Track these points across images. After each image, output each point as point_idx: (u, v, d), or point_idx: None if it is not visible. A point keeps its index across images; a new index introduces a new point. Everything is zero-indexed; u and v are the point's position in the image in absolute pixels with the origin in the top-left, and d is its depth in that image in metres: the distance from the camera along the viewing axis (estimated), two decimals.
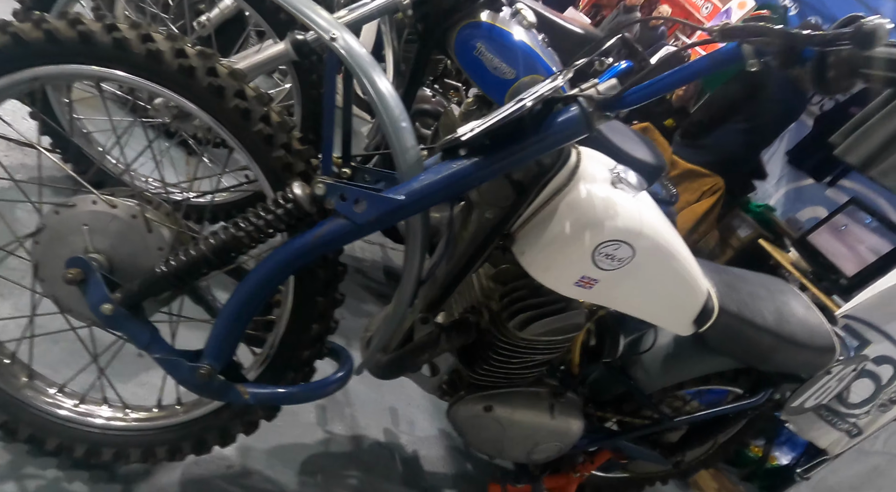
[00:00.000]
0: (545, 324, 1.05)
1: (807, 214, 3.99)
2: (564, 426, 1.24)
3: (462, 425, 1.21)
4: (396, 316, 0.98)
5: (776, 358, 1.29)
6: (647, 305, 1.09)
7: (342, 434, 1.49)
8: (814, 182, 3.95)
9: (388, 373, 1.12)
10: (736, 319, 1.21)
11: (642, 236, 0.96)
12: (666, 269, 1.04)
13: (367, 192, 0.81)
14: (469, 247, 1.01)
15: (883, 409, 1.77)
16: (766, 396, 1.38)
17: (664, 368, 1.40)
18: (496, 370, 1.14)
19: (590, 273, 0.97)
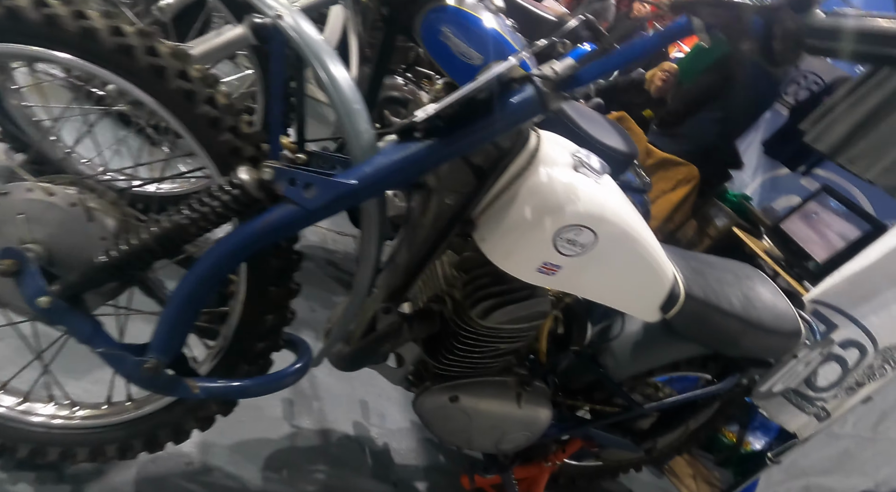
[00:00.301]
0: (508, 312, 1.03)
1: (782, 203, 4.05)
2: (532, 415, 1.23)
3: (428, 416, 1.19)
4: (354, 305, 0.95)
5: (743, 343, 1.29)
6: (612, 291, 1.08)
7: (310, 428, 1.46)
8: (789, 172, 4.00)
9: (350, 364, 1.09)
10: (702, 304, 1.21)
11: (604, 221, 0.95)
12: (630, 254, 1.03)
13: (317, 176, 0.78)
14: (429, 234, 0.99)
15: (850, 392, 1.79)
16: (733, 381, 1.39)
17: (633, 355, 1.40)
18: (461, 360, 1.12)
19: (552, 259, 0.96)
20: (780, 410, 1.83)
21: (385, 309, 1.08)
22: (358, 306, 0.96)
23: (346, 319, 0.97)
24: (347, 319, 0.97)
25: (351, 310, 0.96)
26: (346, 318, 0.97)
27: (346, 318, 0.97)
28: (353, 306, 0.95)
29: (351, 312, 0.96)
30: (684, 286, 1.19)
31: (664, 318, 1.19)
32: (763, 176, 4.34)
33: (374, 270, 0.93)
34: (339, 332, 0.99)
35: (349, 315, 0.96)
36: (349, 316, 0.96)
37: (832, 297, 1.70)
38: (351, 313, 0.96)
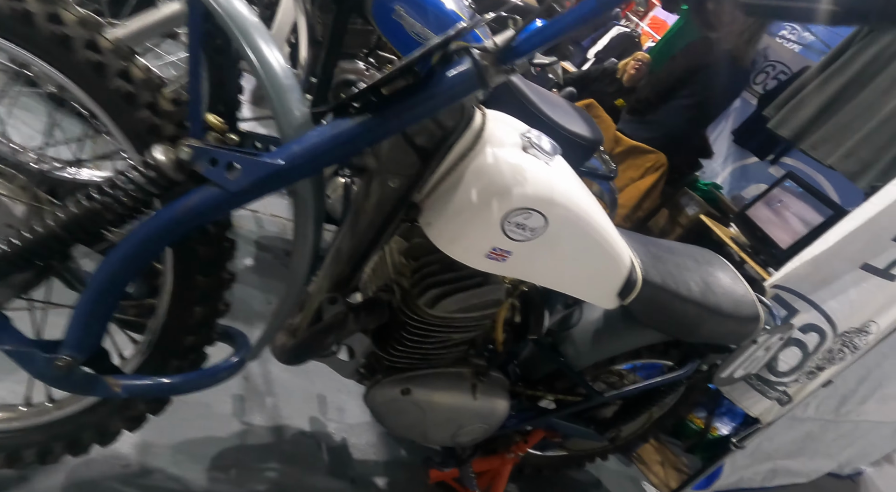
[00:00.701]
0: (458, 300, 0.99)
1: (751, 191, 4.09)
2: (488, 407, 1.19)
3: (379, 410, 1.15)
4: (290, 296, 0.90)
5: (701, 329, 1.27)
6: (566, 277, 1.04)
7: (262, 425, 1.40)
8: (758, 160, 4.05)
9: (294, 357, 1.04)
10: (660, 290, 1.18)
11: (554, 204, 0.91)
12: (583, 239, 0.99)
13: (241, 156, 0.72)
14: (373, 219, 0.94)
15: (811, 376, 1.80)
16: (693, 367, 1.37)
17: (593, 343, 1.37)
18: (411, 351, 1.07)
19: (501, 244, 0.91)
20: (744, 395, 1.83)
21: (330, 299, 1.03)
22: (294, 297, 0.91)
23: (281, 311, 0.92)
24: (283, 310, 0.91)
25: (287, 301, 0.90)
26: (281, 309, 0.91)
27: (281, 309, 0.91)
28: (288, 297, 0.90)
29: (287, 303, 0.91)
30: (641, 272, 1.17)
31: (622, 305, 1.17)
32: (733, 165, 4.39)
33: (310, 258, 0.88)
34: (274, 324, 0.93)
35: (285, 306, 0.91)
36: (285, 307, 0.91)
37: (793, 282, 1.70)
38: (287, 304, 0.91)
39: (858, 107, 1.97)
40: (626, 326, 1.35)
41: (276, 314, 0.92)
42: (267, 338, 0.95)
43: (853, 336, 1.72)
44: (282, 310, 0.91)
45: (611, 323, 1.36)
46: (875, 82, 1.94)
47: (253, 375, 1.51)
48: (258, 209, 2.13)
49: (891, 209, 1.53)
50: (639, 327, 1.33)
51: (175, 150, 0.72)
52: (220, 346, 1.00)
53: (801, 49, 5.42)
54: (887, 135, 1.88)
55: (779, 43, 4.39)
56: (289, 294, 0.89)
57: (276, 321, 0.93)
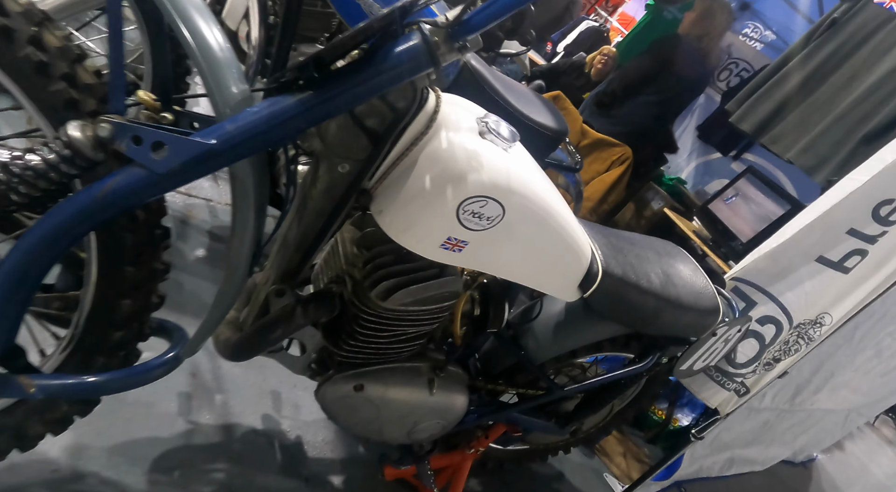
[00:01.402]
0: (411, 292, 0.94)
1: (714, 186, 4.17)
2: (446, 402, 1.15)
3: (331, 406, 1.10)
4: (230, 287, 0.84)
5: (661, 321, 1.26)
6: (526, 269, 1.01)
7: (210, 424, 1.34)
8: (721, 156, 4.13)
9: (239, 353, 0.98)
10: (620, 282, 1.16)
11: (512, 192, 0.87)
12: (542, 229, 0.96)
13: (168, 134, 0.66)
14: (322, 206, 0.89)
15: (767, 367, 1.83)
16: (653, 360, 1.36)
17: (554, 336, 1.35)
18: (364, 346, 1.02)
19: (456, 234, 0.87)
20: (703, 386, 1.85)
21: (277, 291, 0.97)
22: (234, 288, 0.85)
23: (219, 304, 0.86)
24: (221, 303, 0.85)
25: (225, 293, 0.84)
26: (219, 302, 0.85)
27: (219, 302, 0.85)
28: (227, 288, 0.84)
29: (226, 296, 0.85)
30: (602, 263, 1.14)
31: (583, 297, 1.14)
32: (697, 160, 4.46)
33: (251, 247, 0.82)
34: (211, 318, 0.87)
35: (223, 299, 0.85)
36: (223, 300, 0.85)
37: (751, 274, 1.71)
38: (226, 297, 0.85)
39: (816, 102, 2.00)
40: (587, 318, 1.33)
41: (214, 308, 0.86)
42: (204, 333, 0.89)
43: (808, 328, 1.75)
44: (220, 303, 0.85)
45: (572, 316, 1.34)
46: (832, 78, 1.97)
47: (202, 371, 1.44)
48: (212, 198, 2.04)
49: (845, 203, 1.55)
50: (600, 320, 1.31)
51: (93, 126, 0.66)
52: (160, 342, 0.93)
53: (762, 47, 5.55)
54: (843, 130, 1.91)
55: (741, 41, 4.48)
56: (227, 285, 0.83)
57: (214, 315, 0.87)
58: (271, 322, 0.94)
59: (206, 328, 0.87)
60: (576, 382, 1.44)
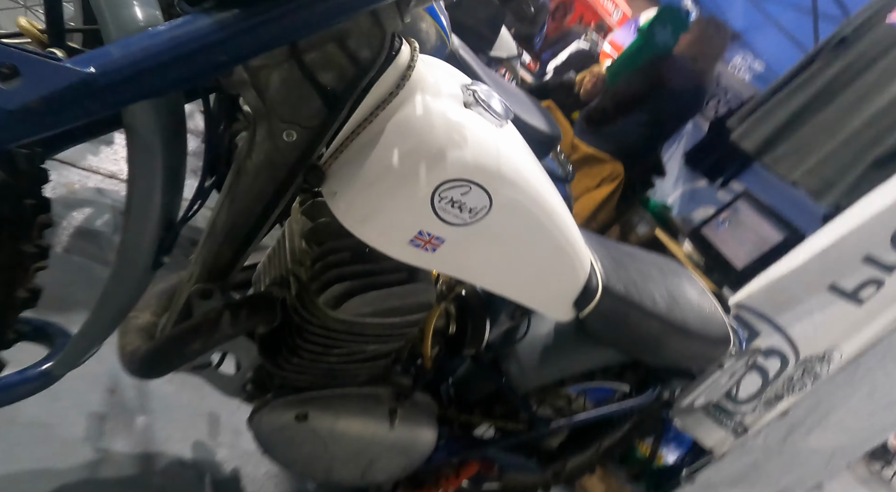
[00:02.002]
0: (369, 300, 0.75)
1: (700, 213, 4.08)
2: (408, 438, 0.95)
3: (268, 438, 0.89)
4: (122, 284, 0.64)
5: (665, 350, 1.08)
6: (513, 279, 0.83)
7: (124, 452, 1.11)
8: (707, 184, 4.07)
9: (149, 367, 0.77)
10: (621, 301, 0.99)
11: (502, 179, 0.69)
12: (536, 229, 0.78)
13: (24, 54, 0.46)
14: (261, 185, 0.70)
15: (768, 406, 1.67)
16: (652, 395, 1.18)
17: (541, 362, 1.16)
18: (310, 365, 0.82)
19: (430, 228, 0.69)
20: (698, 424, 1.68)
21: (201, 292, 0.77)
22: (130, 285, 0.65)
23: (107, 304, 0.65)
24: (110, 303, 0.65)
25: (116, 291, 0.64)
26: (107, 302, 0.65)
27: (107, 302, 0.65)
28: (118, 285, 0.64)
29: (118, 295, 0.64)
30: (602, 278, 0.97)
31: (578, 317, 0.97)
32: (683, 187, 4.39)
33: (156, 230, 0.62)
34: (97, 322, 0.66)
35: (114, 298, 0.65)
36: (113, 300, 0.65)
37: (756, 301, 1.56)
38: (117, 296, 0.64)
39: (822, 123, 1.89)
40: (579, 342, 1.14)
41: (98, 310, 0.65)
42: (85, 342, 0.68)
43: (815, 364, 1.59)
44: (107, 303, 0.65)
45: (562, 339, 1.16)
46: (839, 99, 1.87)
47: (123, 386, 1.22)
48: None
49: (862, 228, 1.42)
50: (595, 345, 1.13)
51: None
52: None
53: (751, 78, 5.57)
54: (851, 154, 1.80)
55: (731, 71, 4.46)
56: (117, 281, 0.63)
57: (99, 320, 0.66)
58: (191, 329, 0.74)
59: (88, 337, 0.67)
60: (560, 414, 1.26)
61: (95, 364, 1.21)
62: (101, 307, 0.65)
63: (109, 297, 0.64)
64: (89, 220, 1.52)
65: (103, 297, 0.64)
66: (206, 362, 0.89)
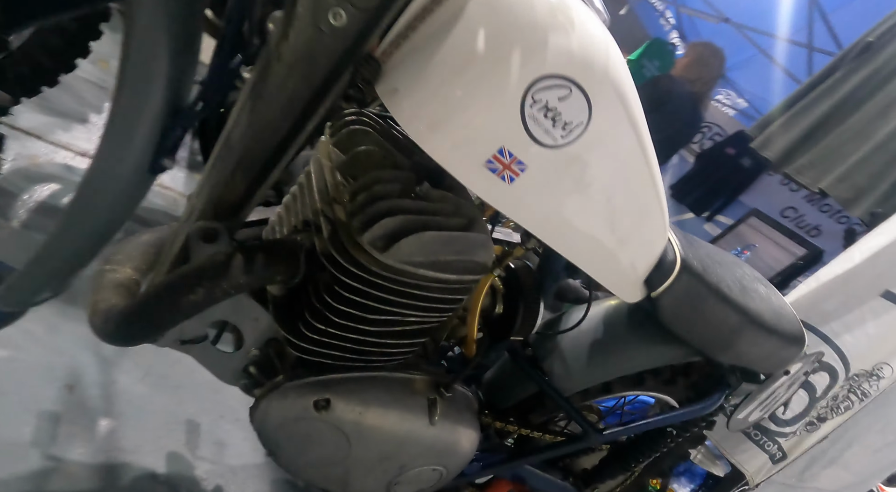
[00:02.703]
0: (427, 242, 0.58)
1: None
2: (450, 438, 0.76)
3: (275, 434, 0.69)
4: (103, 194, 0.46)
5: (740, 345, 0.93)
6: (589, 237, 0.68)
7: (81, 462, 0.89)
8: (694, 216, 4.06)
9: (128, 328, 0.58)
10: (700, 282, 0.84)
11: (609, 88, 0.55)
12: (629, 168, 0.64)
13: None
14: (297, 83, 0.54)
15: (811, 427, 1.51)
16: (720, 398, 1.01)
17: (589, 360, 0.99)
18: (336, 335, 0.64)
19: (514, 144, 0.54)
20: (737, 447, 1.51)
21: (204, 232, 0.60)
22: (114, 198, 0.47)
23: (75, 224, 0.47)
24: (80, 224, 0.47)
25: (88, 205, 0.46)
26: (75, 221, 0.47)
27: (75, 221, 0.47)
28: (92, 195, 0.46)
29: (91, 213, 0.47)
30: (680, 252, 0.82)
31: (648, 296, 0.81)
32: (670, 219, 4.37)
33: (156, 116, 0.45)
34: (57, 251, 0.48)
35: (85, 217, 0.47)
36: (86, 219, 0.47)
37: (801, 310, 1.42)
38: (89, 215, 0.47)
39: (849, 131, 1.83)
40: (632, 338, 0.98)
41: (62, 229, 0.47)
42: (42, 272, 0.49)
43: (862, 380, 1.45)
44: (76, 221, 0.47)
45: (615, 331, 1.00)
46: (866, 106, 1.81)
47: (85, 382, 1.00)
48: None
49: None
50: (655, 340, 0.97)
51: None
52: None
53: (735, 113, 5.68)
54: (882, 160, 1.72)
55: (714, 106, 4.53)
56: (93, 187, 0.45)
57: (63, 243, 0.48)
58: (191, 274, 0.56)
59: (46, 267, 0.48)
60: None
61: (52, 354, 1.01)
62: (70, 224, 0.46)
63: (82, 211, 0.46)
64: (54, 196, 1.32)
65: (73, 208, 0.46)
66: (201, 335, 0.70)
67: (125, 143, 0.44)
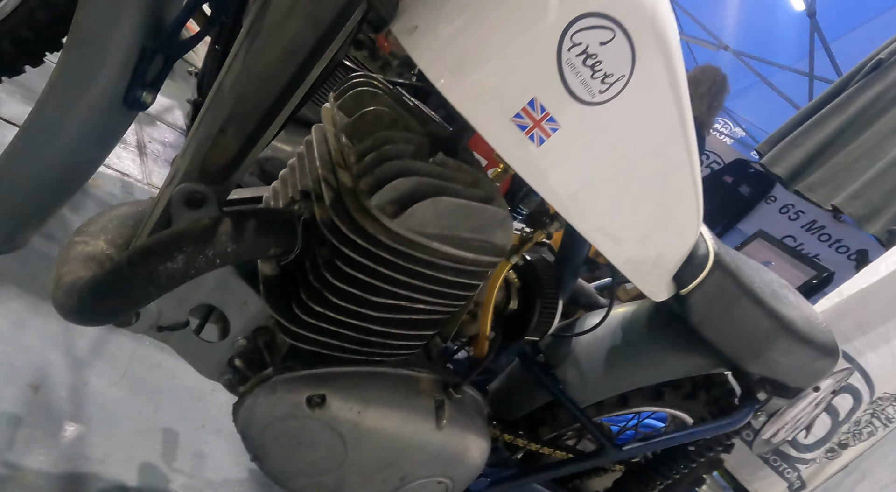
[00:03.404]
0: (443, 209, 0.51)
1: None
2: (458, 445, 0.67)
3: (262, 433, 0.60)
4: (61, 127, 0.39)
5: (772, 353, 0.85)
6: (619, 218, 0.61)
7: (43, 470, 0.80)
8: None
9: (98, 300, 0.50)
10: (734, 280, 0.77)
11: (657, 36, 0.49)
12: (669, 140, 0.57)
13: None
14: (300, 25, 0.47)
15: (831, 455, 1.42)
16: (750, 413, 0.93)
17: (607, 369, 0.91)
18: (335, 320, 0.56)
19: (547, 96, 0.47)
20: (755, 474, 1.41)
21: (189, 196, 0.52)
22: (73, 133, 0.40)
23: (19, 158, 0.40)
24: (28, 160, 0.40)
25: (36, 138, 0.39)
26: (19, 153, 0.39)
27: (19, 153, 0.39)
28: (43, 126, 0.39)
29: (36, 149, 0.39)
30: (714, 247, 0.75)
31: (677, 294, 0.74)
32: None
33: (133, 35, 0.38)
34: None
35: (31, 153, 0.39)
36: (32, 156, 0.40)
37: None
38: (35, 150, 0.39)
39: (861, 148, 1.79)
40: (659, 343, 0.91)
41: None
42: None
43: (886, 404, 1.37)
44: (22, 154, 0.39)
45: (635, 337, 0.92)
46: (878, 124, 1.78)
47: (51, 382, 0.91)
48: (129, 173, 1.57)
49: None
50: (678, 348, 0.89)
51: None
52: None
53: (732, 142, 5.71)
54: None
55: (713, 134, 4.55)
56: (47, 119, 0.38)
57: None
58: (172, 237, 0.48)
59: None
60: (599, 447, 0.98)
61: (16, 351, 0.91)
62: (16, 161, 0.39)
63: (33, 147, 0.38)
64: None
65: (20, 143, 0.38)
66: (181, 321, 0.61)
67: (90, 67, 0.37)
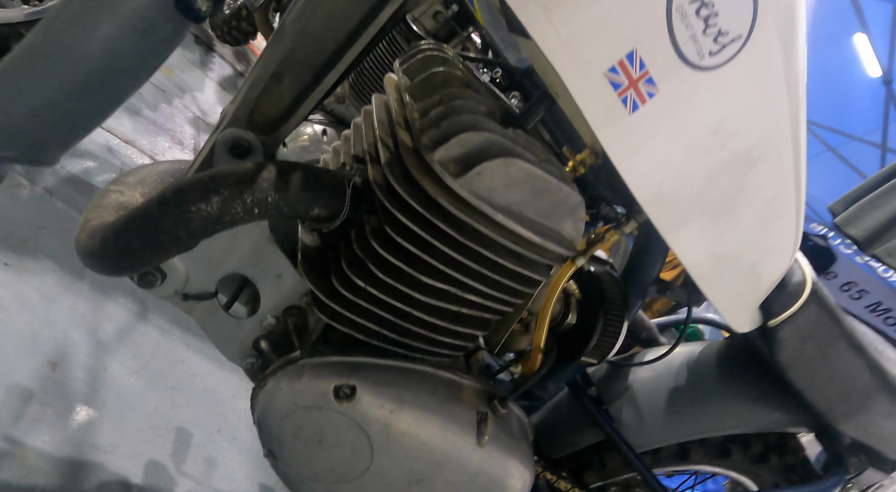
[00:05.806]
0: (516, 175, 0.45)
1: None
2: (499, 470, 0.57)
3: (280, 425, 0.53)
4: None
5: (871, 411, 0.73)
6: (705, 226, 0.53)
7: (45, 451, 0.74)
8: None
9: (115, 248, 0.45)
10: (833, 318, 0.67)
11: (779, 4, 0.43)
12: (777, 134, 0.50)
13: None
14: None
15: None
16: (838, 484, 0.79)
17: (670, 409, 0.80)
18: (377, 298, 0.49)
19: (650, 51, 0.42)
20: None
21: (235, 143, 0.48)
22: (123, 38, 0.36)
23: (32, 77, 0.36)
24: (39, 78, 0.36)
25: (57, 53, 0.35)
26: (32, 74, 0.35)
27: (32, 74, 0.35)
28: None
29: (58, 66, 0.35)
30: (811, 274, 0.66)
31: (763, 326, 0.65)
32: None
33: None
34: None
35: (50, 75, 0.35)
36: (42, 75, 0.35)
37: None
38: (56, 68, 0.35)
39: None
40: (732, 388, 0.79)
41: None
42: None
43: None
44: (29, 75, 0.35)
45: (704, 378, 0.81)
46: None
47: (70, 364, 0.87)
48: (134, 140, 1.56)
49: None
50: (754, 395, 0.77)
51: None
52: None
53: None
54: None
55: None
56: None
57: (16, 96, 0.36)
58: (206, 178, 0.43)
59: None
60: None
61: (41, 325, 0.88)
62: (51, 58, 0.34)
63: (70, 45, 0.34)
64: (86, 172, 1.26)
65: (48, 30, 0.34)
66: (209, 291, 0.56)
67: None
